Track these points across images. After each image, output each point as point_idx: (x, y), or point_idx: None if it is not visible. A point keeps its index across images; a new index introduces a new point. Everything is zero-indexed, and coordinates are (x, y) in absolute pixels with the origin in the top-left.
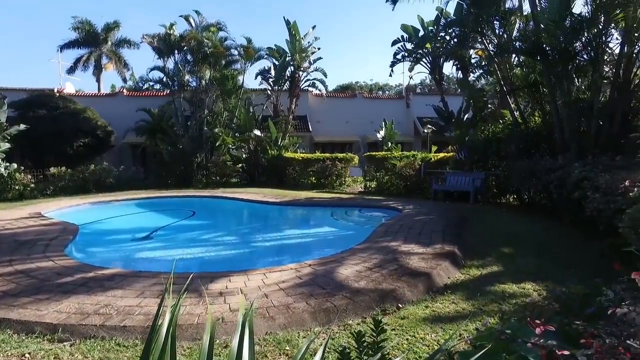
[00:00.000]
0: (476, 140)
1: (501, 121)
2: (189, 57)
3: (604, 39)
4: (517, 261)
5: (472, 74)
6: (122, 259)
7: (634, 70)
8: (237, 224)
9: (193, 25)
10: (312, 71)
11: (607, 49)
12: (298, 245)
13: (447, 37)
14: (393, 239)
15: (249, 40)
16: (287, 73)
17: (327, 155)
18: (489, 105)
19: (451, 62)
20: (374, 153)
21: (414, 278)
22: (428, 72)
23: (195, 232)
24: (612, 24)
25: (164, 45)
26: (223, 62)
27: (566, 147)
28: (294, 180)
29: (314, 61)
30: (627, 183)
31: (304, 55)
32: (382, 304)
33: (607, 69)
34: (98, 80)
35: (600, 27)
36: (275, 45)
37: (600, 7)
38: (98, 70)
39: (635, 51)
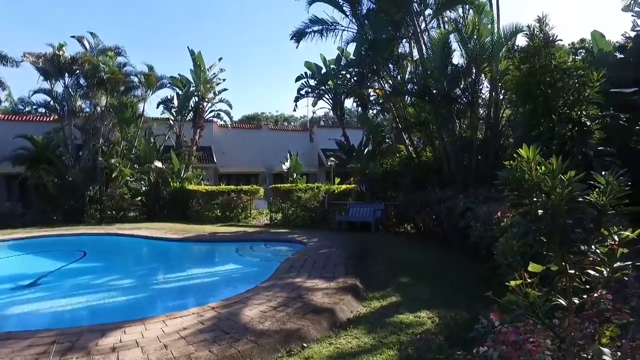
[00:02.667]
0: (376, 173)
1: (397, 155)
2: (82, 81)
3: (477, 86)
4: (413, 290)
5: (371, 110)
6: None
7: (501, 113)
8: (135, 264)
9: (88, 47)
10: (217, 102)
11: (481, 95)
12: (201, 286)
13: (348, 76)
14: (298, 275)
15: (151, 68)
16: (191, 103)
17: (232, 187)
18: (387, 140)
19: (352, 98)
20: (279, 185)
21: (318, 315)
22: (330, 107)
23: (87, 277)
24: (483, 74)
25: (52, 66)
26: (122, 89)
27: (453, 179)
28: (197, 213)
29: (220, 92)
30: (499, 214)
31: (208, 86)
32: (287, 345)
33: (481, 111)
34: None
35: (474, 76)
36: (179, 74)
37: (472, 60)
38: None
39: (501, 97)
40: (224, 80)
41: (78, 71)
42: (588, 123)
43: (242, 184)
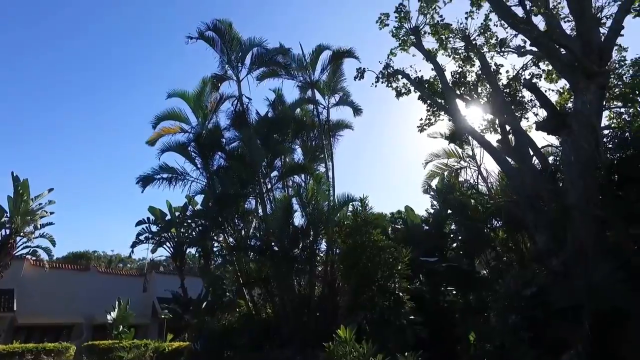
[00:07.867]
0: (213, 330)
1: (238, 310)
2: None
3: (315, 246)
4: None
5: (214, 261)
6: None
7: (337, 271)
8: None
9: None
10: (37, 237)
11: (319, 253)
12: None
13: (193, 225)
14: None
15: None
16: None
17: (31, 345)
18: (228, 294)
19: (195, 248)
20: (97, 342)
21: None
22: (170, 256)
23: None
24: (320, 235)
25: None
26: None
27: (292, 337)
28: None
29: (42, 226)
30: None
31: (29, 218)
32: None
33: (320, 269)
34: None
35: (312, 237)
36: None
37: (311, 222)
38: None
39: (336, 257)
40: (51, 213)
41: None
42: (401, 294)
43: (47, 340)
